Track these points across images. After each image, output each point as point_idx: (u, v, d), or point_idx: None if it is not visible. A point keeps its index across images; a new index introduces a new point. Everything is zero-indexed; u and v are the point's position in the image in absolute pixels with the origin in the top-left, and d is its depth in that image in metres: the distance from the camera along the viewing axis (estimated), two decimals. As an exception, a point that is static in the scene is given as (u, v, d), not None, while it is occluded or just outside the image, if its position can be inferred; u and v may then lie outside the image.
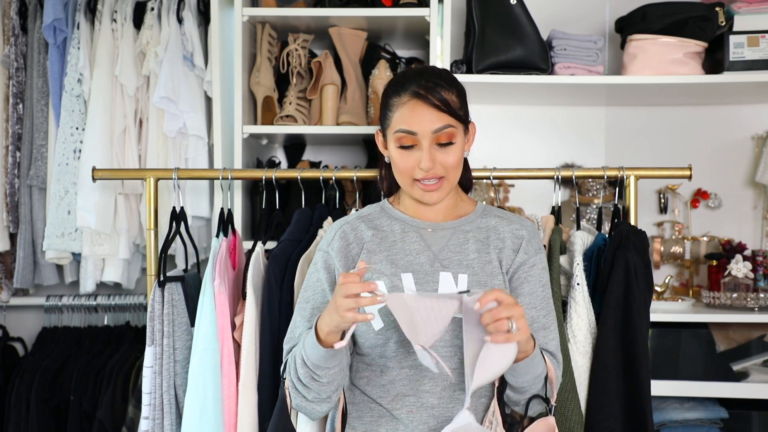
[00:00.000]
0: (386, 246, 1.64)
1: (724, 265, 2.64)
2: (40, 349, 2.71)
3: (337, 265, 1.64)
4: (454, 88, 1.60)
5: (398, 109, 1.59)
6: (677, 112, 2.92)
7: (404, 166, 1.60)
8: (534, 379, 1.54)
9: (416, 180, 1.60)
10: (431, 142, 1.57)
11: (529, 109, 2.96)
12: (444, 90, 1.57)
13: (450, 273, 1.60)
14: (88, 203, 2.51)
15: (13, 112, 2.67)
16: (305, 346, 1.51)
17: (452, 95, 1.59)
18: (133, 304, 2.75)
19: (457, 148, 1.59)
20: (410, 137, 1.57)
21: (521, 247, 1.65)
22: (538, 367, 1.53)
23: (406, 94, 1.58)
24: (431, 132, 1.56)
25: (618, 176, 2.12)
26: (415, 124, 1.56)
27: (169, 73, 2.54)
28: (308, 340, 1.51)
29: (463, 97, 1.63)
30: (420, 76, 1.59)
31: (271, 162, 2.77)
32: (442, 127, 1.56)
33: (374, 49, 2.69)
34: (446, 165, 1.59)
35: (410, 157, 1.59)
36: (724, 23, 2.51)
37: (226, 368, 1.92)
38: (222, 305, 1.94)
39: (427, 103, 1.56)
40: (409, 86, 1.58)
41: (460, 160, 1.62)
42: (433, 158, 1.57)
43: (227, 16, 2.58)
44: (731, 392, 2.49)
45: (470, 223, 1.68)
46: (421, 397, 1.56)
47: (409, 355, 1.56)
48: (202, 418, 1.88)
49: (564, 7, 2.88)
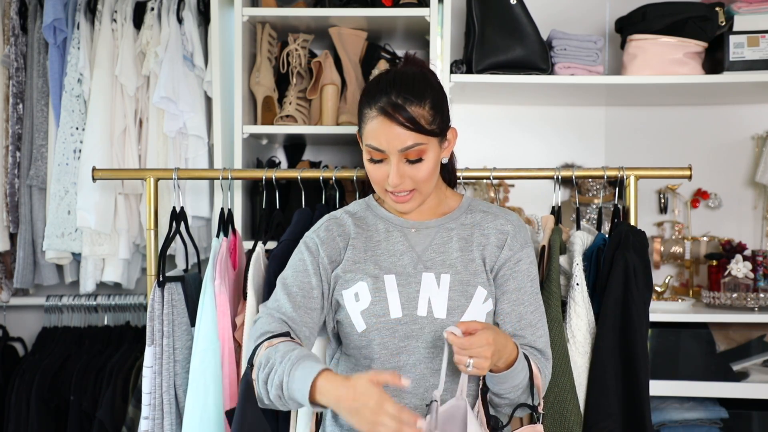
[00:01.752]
0: (371, 245, 1.65)
1: (724, 265, 2.64)
2: (40, 349, 2.71)
3: (321, 254, 1.65)
4: (427, 99, 1.55)
5: (369, 122, 1.57)
6: (677, 112, 2.92)
7: (375, 178, 1.60)
8: (513, 388, 1.54)
9: (388, 192, 1.60)
10: (399, 159, 1.55)
11: (529, 109, 2.96)
12: (414, 105, 1.53)
13: (433, 273, 1.61)
14: (88, 203, 2.51)
15: (13, 112, 2.67)
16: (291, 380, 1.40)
17: (423, 110, 1.54)
18: (133, 304, 2.75)
19: (427, 163, 1.57)
20: (378, 153, 1.56)
21: (506, 243, 1.65)
22: (519, 376, 1.53)
23: (375, 109, 1.55)
24: (398, 150, 1.54)
25: (618, 176, 2.12)
26: (384, 142, 1.54)
27: (169, 73, 2.54)
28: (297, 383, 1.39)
29: (438, 106, 1.57)
30: (391, 89, 1.54)
31: (271, 162, 2.76)
32: (411, 146, 1.54)
33: (374, 49, 2.69)
34: (416, 179, 1.58)
35: (380, 170, 1.58)
36: (724, 23, 2.51)
37: (227, 368, 1.92)
38: (223, 305, 1.94)
39: (394, 122, 1.53)
40: (380, 99, 1.54)
41: (431, 173, 1.59)
42: (401, 174, 1.56)
43: (227, 16, 2.58)
44: (731, 392, 2.49)
45: (454, 220, 1.68)
46: (404, 398, 1.56)
47: (392, 356, 1.57)
48: (203, 419, 1.88)
49: (564, 7, 2.88)
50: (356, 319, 1.59)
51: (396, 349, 1.57)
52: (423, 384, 1.57)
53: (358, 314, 1.59)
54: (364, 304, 1.59)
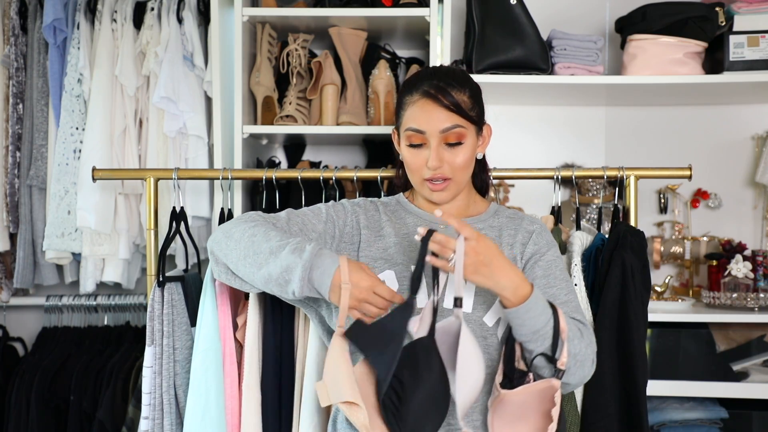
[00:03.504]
0: (400, 237, 1.66)
1: (724, 265, 2.64)
2: (40, 349, 2.71)
3: (347, 215, 1.68)
4: (467, 88, 1.61)
5: (409, 107, 1.61)
6: (677, 112, 2.92)
7: (414, 164, 1.62)
8: (533, 334, 1.47)
9: (425, 179, 1.61)
10: (439, 142, 1.58)
11: (529, 109, 2.96)
12: (456, 90, 1.59)
13: None
14: (88, 203, 2.51)
15: (13, 112, 2.67)
16: (314, 260, 1.46)
17: (464, 96, 1.60)
18: (133, 304, 2.75)
19: (466, 148, 1.60)
20: (419, 136, 1.59)
21: (531, 239, 1.66)
22: (539, 320, 1.47)
23: (417, 93, 1.60)
24: (439, 131, 1.58)
25: (618, 176, 2.12)
26: (424, 123, 1.58)
27: (169, 73, 2.54)
28: (323, 265, 1.46)
29: (476, 97, 1.64)
30: (433, 76, 1.61)
31: (271, 162, 2.76)
32: (451, 126, 1.58)
33: (374, 49, 2.69)
34: (454, 165, 1.60)
35: (419, 155, 1.61)
36: (724, 23, 2.51)
37: (228, 368, 1.91)
38: (224, 305, 1.94)
39: (436, 102, 1.57)
40: (421, 85, 1.60)
41: (468, 162, 1.62)
42: (440, 157, 1.59)
43: (227, 16, 2.58)
44: (731, 392, 2.49)
45: (482, 222, 1.70)
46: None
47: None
48: (204, 419, 1.87)
49: (564, 7, 2.88)
50: None
51: None
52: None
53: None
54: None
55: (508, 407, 1.50)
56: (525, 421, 1.50)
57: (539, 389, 1.49)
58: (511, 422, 1.51)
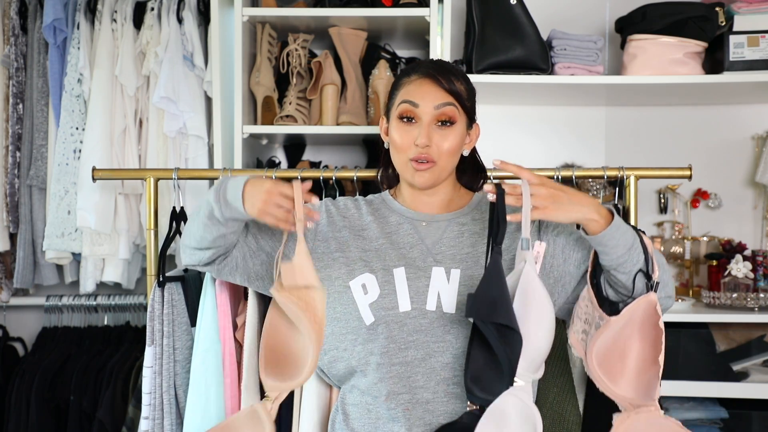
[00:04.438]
0: (382, 236, 1.65)
1: (724, 265, 2.64)
2: (40, 349, 2.71)
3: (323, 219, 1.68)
4: (465, 81, 1.65)
5: (405, 86, 1.63)
6: (677, 112, 2.92)
7: (402, 142, 1.61)
8: (628, 251, 1.48)
9: (411, 159, 1.61)
10: (431, 120, 1.60)
11: (529, 109, 2.96)
12: (454, 78, 1.62)
13: (443, 268, 1.60)
14: (88, 203, 2.51)
15: (13, 112, 2.67)
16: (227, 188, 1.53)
17: (461, 86, 1.63)
18: (133, 304, 2.75)
19: (455, 133, 1.61)
20: (412, 110, 1.60)
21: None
22: (628, 236, 1.48)
23: (416, 74, 1.63)
24: (433, 107, 1.59)
25: (618, 176, 2.12)
26: (419, 97, 1.60)
27: (169, 73, 2.54)
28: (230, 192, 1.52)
29: (471, 94, 1.67)
30: (433, 62, 1.67)
31: (271, 162, 2.76)
32: (445, 103, 1.59)
33: (374, 49, 2.69)
34: (441, 149, 1.60)
35: (408, 133, 1.61)
36: (724, 23, 2.51)
37: (228, 368, 1.91)
38: (224, 305, 1.94)
39: (434, 81, 1.60)
40: (420, 68, 1.64)
41: (455, 149, 1.62)
42: (430, 136, 1.59)
43: (227, 16, 2.58)
44: (731, 392, 2.49)
45: (466, 215, 1.69)
46: (416, 393, 1.54)
47: (399, 351, 1.55)
48: (204, 419, 1.87)
49: (564, 7, 2.88)
50: (364, 311, 1.57)
51: (404, 343, 1.55)
52: (434, 378, 1.54)
53: (366, 306, 1.57)
54: (372, 296, 1.58)
55: (611, 340, 1.49)
56: (630, 352, 1.51)
57: (641, 307, 1.50)
58: (621, 359, 1.50)
